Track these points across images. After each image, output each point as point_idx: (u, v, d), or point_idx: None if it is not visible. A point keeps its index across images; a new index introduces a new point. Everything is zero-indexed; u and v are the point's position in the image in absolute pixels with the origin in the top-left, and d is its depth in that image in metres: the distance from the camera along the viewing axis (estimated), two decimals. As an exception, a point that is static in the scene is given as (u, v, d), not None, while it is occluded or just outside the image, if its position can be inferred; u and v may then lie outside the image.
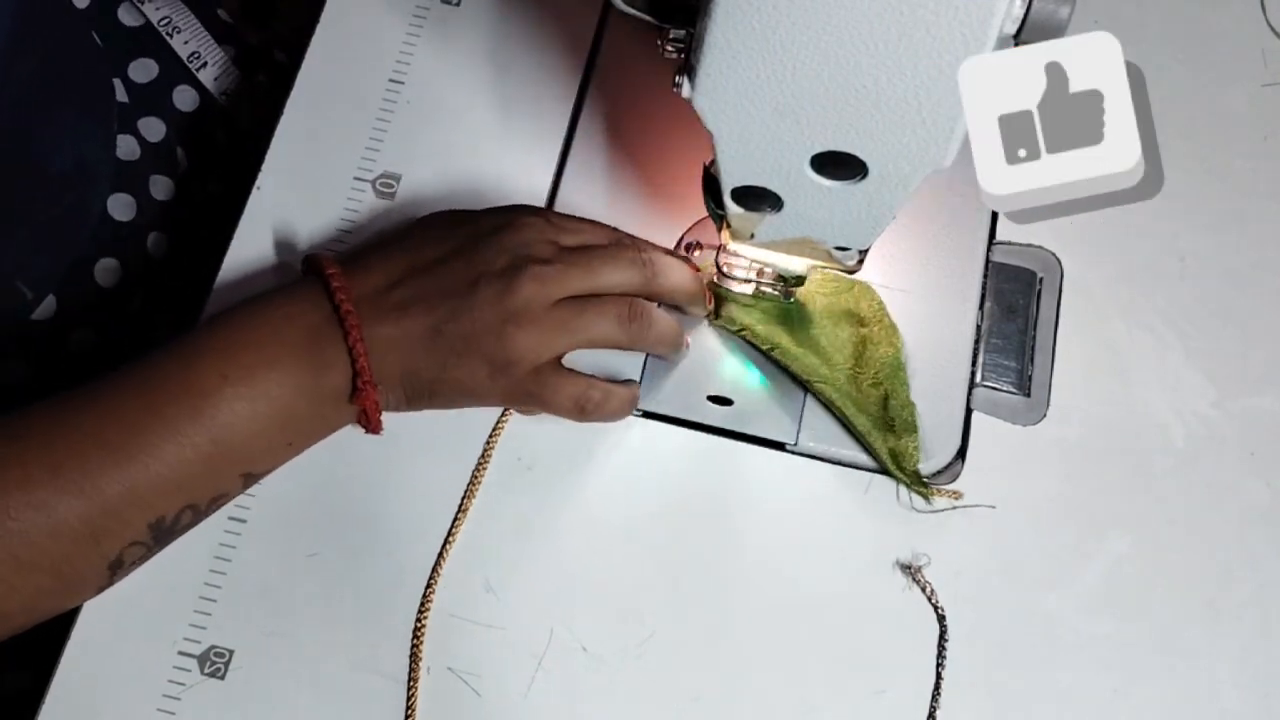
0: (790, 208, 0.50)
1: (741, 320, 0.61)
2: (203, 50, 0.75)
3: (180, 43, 0.74)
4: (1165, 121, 0.66)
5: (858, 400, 0.59)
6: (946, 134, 0.42)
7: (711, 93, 0.43)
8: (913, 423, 0.59)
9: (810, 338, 0.61)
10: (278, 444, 0.55)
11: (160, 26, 0.73)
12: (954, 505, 0.58)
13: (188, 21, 0.75)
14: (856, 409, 0.59)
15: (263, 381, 0.53)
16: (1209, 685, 0.56)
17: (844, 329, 0.61)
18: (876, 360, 0.60)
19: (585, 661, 0.56)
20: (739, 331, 0.61)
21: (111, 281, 0.68)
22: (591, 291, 0.57)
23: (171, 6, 0.75)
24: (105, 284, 0.68)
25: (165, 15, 0.74)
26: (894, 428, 0.59)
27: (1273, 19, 0.69)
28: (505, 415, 0.60)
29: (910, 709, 0.56)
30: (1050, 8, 0.39)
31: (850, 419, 0.59)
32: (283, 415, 0.54)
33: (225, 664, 0.56)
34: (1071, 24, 0.40)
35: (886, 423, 0.59)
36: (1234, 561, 0.58)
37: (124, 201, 0.69)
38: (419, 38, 0.67)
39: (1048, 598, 0.58)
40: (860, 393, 0.60)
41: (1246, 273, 0.64)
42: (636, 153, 0.65)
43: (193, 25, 0.75)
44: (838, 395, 0.59)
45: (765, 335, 0.60)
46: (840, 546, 0.58)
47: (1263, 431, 0.61)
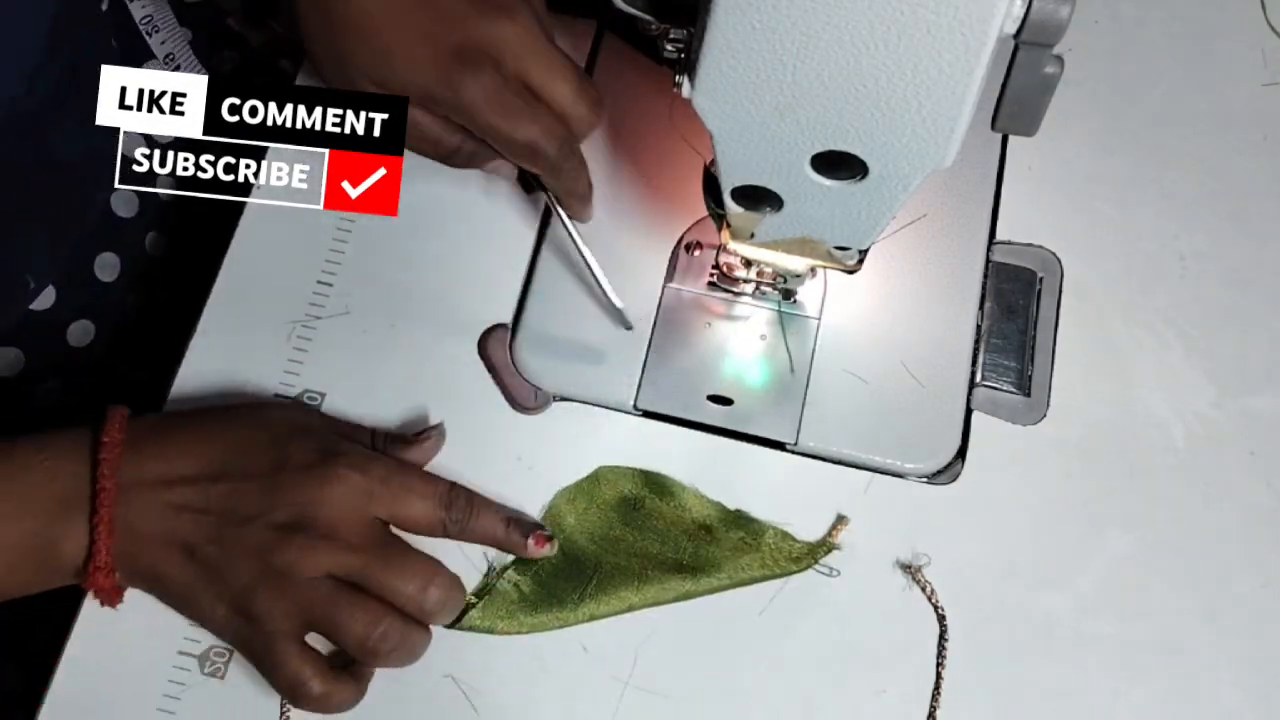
0: (790, 207, 0.50)
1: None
2: (176, 51, 0.75)
3: (157, 43, 0.74)
4: (1165, 121, 0.67)
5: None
6: (946, 134, 0.42)
7: (711, 92, 0.43)
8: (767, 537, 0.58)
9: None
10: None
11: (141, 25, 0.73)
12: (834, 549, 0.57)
13: (168, 22, 0.74)
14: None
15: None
16: (1209, 685, 0.56)
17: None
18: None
19: (585, 661, 0.56)
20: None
21: (110, 276, 0.68)
22: (363, 587, 0.53)
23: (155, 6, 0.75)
24: (104, 278, 0.68)
25: (147, 15, 0.74)
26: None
27: (1273, 19, 0.69)
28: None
29: (910, 709, 0.56)
30: (1050, 8, 0.39)
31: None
32: (4, 566, 0.52)
33: (225, 664, 0.56)
34: (1071, 24, 0.40)
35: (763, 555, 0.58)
36: (1234, 561, 0.58)
37: (126, 198, 0.69)
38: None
39: (1048, 598, 0.58)
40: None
41: (1246, 273, 0.64)
42: (636, 153, 0.66)
43: (170, 24, 0.75)
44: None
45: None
46: (840, 546, 0.58)
47: (1263, 431, 0.61)
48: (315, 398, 0.61)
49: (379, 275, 0.63)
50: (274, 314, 0.62)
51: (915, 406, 0.60)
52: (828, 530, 0.58)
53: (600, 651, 0.56)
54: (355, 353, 0.62)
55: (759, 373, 0.62)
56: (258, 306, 0.62)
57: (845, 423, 0.60)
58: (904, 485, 0.59)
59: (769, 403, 0.61)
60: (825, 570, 0.57)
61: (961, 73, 0.40)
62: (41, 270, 0.65)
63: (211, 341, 0.62)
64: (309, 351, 0.62)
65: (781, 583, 0.57)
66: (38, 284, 0.64)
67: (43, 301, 0.65)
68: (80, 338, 0.68)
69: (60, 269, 0.66)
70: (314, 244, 0.64)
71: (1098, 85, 0.68)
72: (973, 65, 0.40)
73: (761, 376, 0.62)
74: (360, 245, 0.64)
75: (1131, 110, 0.67)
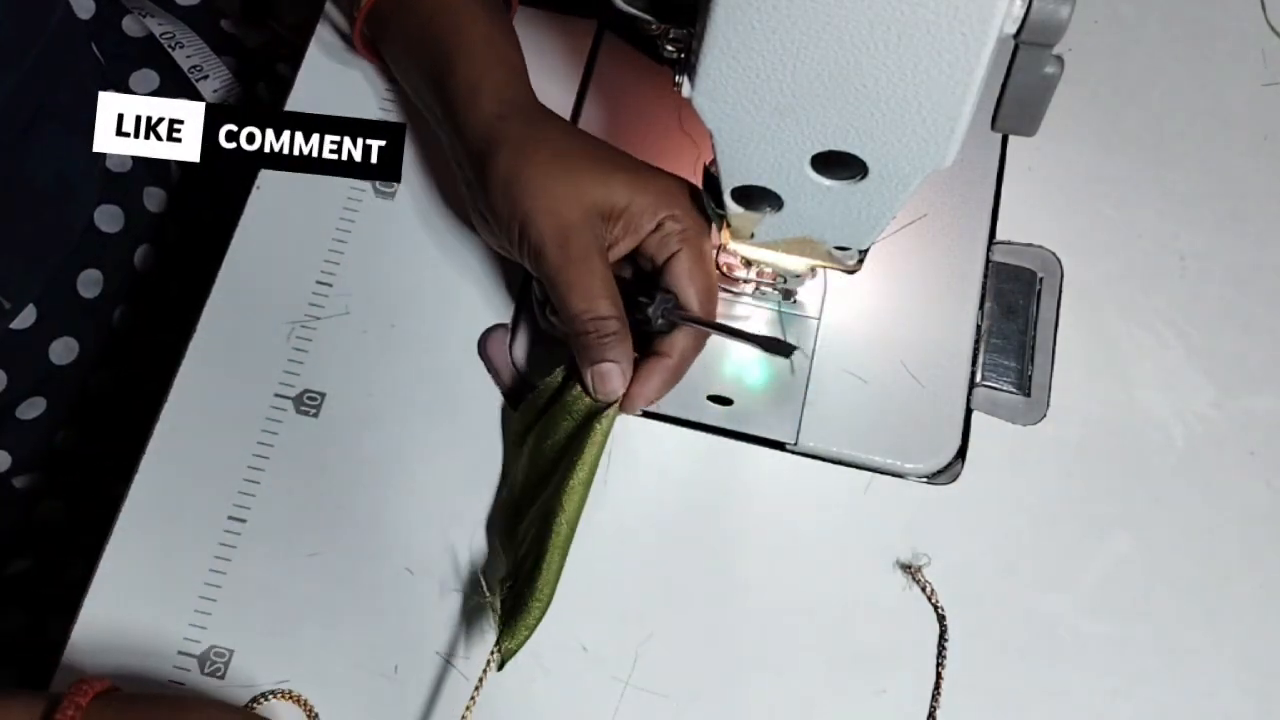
0: (790, 207, 0.50)
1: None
2: (204, 63, 0.75)
3: (183, 56, 0.74)
4: (1165, 121, 0.67)
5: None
6: (946, 134, 0.42)
7: (711, 92, 0.43)
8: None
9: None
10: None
11: (163, 40, 0.73)
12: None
13: (190, 38, 0.75)
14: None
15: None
16: (1209, 685, 0.56)
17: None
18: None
19: (585, 661, 0.56)
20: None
21: (93, 293, 0.68)
22: None
23: (173, 23, 0.75)
24: (87, 295, 0.68)
25: (168, 30, 0.74)
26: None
27: (1273, 19, 0.69)
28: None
29: (910, 709, 0.56)
30: (1050, 8, 0.39)
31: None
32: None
33: (225, 664, 0.56)
34: (1071, 24, 0.40)
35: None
36: (1234, 561, 0.58)
37: (111, 213, 0.69)
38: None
39: (1048, 598, 0.58)
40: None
41: (1246, 273, 0.64)
42: (636, 153, 0.65)
43: (194, 40, 0.75)
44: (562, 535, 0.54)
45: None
46: (840, 546, 0.58)
47: (1263, 431, 0.61)
48: (315, 397, 0.61)
49: (379, 275, 0.63)
50: (274, 314, 0.62)
51: (915, 406, 0.60)
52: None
53: (600, 651, 0.56)
54: (355, 353, 0.62)
55: (759, 373, 0.62)
56: (258, 306, 0.62)
57: (845, 423, 0.60)
58: (904, 485, 0.59)
59: (769, 403, 0.61)
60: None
61: (961, 73, 0.40)
62: (19, 291, 0.64)
63: (211, 342, 0.62)
64: (309, 351, 0.62)
65: (781, 581, 0.57)
66: (15, 305, 0.64)
67: (23, 321, 0.65)
68: (63, 355, 0.68)
69: (39, 288, 0.65)
70: (314, 244, 0.64)
71: (1098, 85, 0.68)
72: (973, 65, 0.40)
73: (761, 376, 0.62)
74: (360, 245, 0.64)
75: (1131, 110, 0.67)
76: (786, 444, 0.60)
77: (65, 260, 0.67)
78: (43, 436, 0.69)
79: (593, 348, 0.55)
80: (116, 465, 0.61)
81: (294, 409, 0.60)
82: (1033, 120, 0.43)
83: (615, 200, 0.55)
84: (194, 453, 0.59)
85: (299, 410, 0.60)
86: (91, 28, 0.70)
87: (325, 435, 0.60)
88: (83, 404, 0.70)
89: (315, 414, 0.60)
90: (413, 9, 0.60)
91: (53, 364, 0.67)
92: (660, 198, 0.56)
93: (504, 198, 0.55)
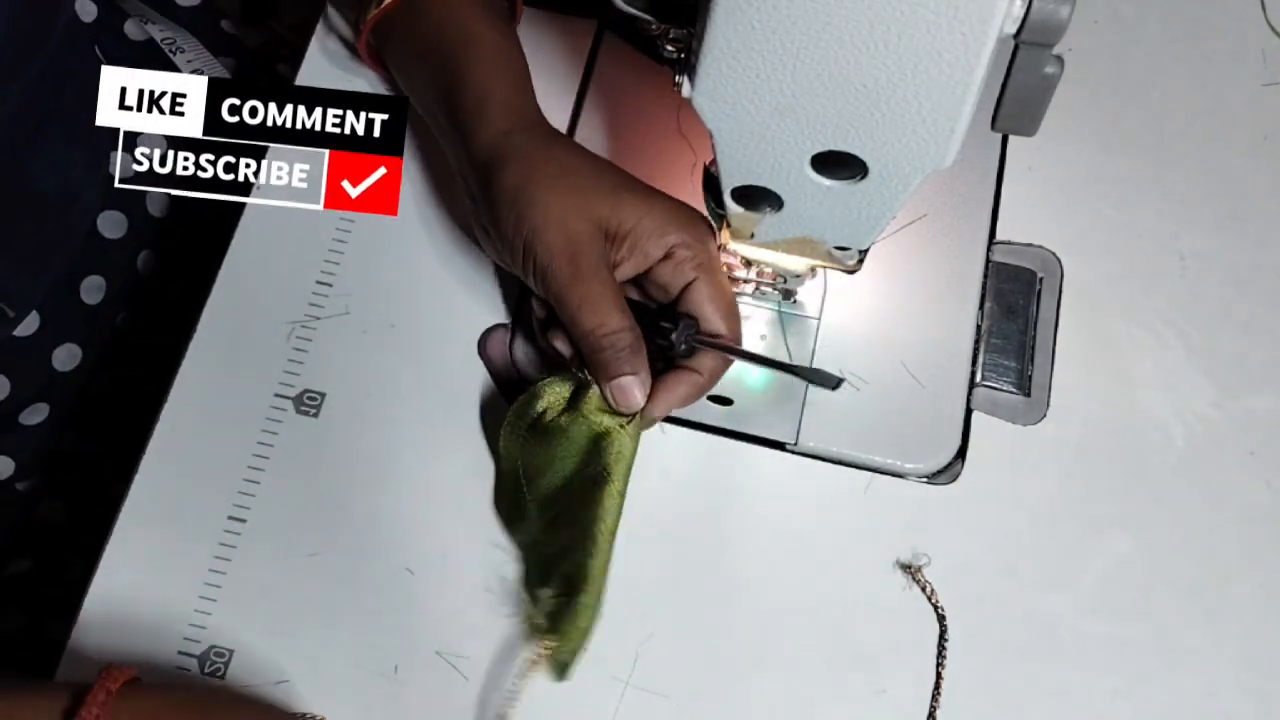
0: (790, 207, 0.50)
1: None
2: (205, 68, 0.75)
3: (184, 61, 0.74)
4: (1165, 121, 0.67)
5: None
6: (946, 134, 0.42)
7: (711, 92, 0.43)
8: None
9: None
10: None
11: (164, 45, 0.73)
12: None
13: (190, 43, 0.75)
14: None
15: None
16: (1209, 685, 0.56)
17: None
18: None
19: (585, 662, 0.56)
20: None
21: (96, 299, 0.68)
22: None
23: (174, 29, 0.75)
24: (89, 301, 0.68)
25: (169, 35, 0.74)
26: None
27: (1273, 19, 0.69)
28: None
29: (910, 709, 0.56)
30: (1050, 8, 0.39)
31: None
32: None
33: (225, 664, 0.56)
34: (1071, 24, 0.40)
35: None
36: (1234, 561, 0.58)
37: (114, 219, 0.69)
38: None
39: (1048, 598, 0.57)
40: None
41: (1246, 273, 0.64)
42: (636, 153, 0.66)
43: (195, 45, 0.75)
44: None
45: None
46: (840, 546, 0.58)
47: (1263, 431, 0.61)
48: (315, 397, 0.61)
49: (379, 275, 0.63)
50: (274, 314, 0.62)
51: (915, 406, 0.60)
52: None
53: (600, 651, 0.56)
54: (355, 353, 0.62)
55: (759, 373, 0.62)
56: (258, 307, 0.62)
57: (845, 423, 0.60)
58: (904, 485, 0.59)
59: (769, 403, 0.61)
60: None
61: (961, 73, 0.40)
62: (22, 299, 0.64)
63: (211, 342, 0.62)
64: (309, 351, 0.62)
65: (781, 581, 0.57)
66: (18, 313, 0.64)
67: (26, 328, 0.65)
68: (65, 361, 0.68)
69: (42, 295, 0.65)
70: (314, 244, 0.64)
71: (1098, 85, 0.68)
72: (973, 65, 0.40)
73: (761, 377, 0.61)
74: (360, 245, 0.64)
75: (1131, 110, 0.67)
76: (787, 444, 0.60)
77: (68, 267, 0.67)
78: (45, 442, 0.69)
79: (609, 363, 0.54)
80: (116, 466, 0.61)
81: (294, 409, 0.60)
82: (1033, 120, 0.43)
83: (622, 220, 0.55)
84: (194, 453, 0.59)
85: (299, 410, 0.60)
86: (93, 32, 0.70)
87: (325, 435, 0.60)
88: (83, 406, 0.70)
89: (315, 414, 0.60)
90: (420, 19, 0.60)
91: (55, 370, 0.68)
92: (668, 222, 0.55)
93: (510, 212, 0.54)
